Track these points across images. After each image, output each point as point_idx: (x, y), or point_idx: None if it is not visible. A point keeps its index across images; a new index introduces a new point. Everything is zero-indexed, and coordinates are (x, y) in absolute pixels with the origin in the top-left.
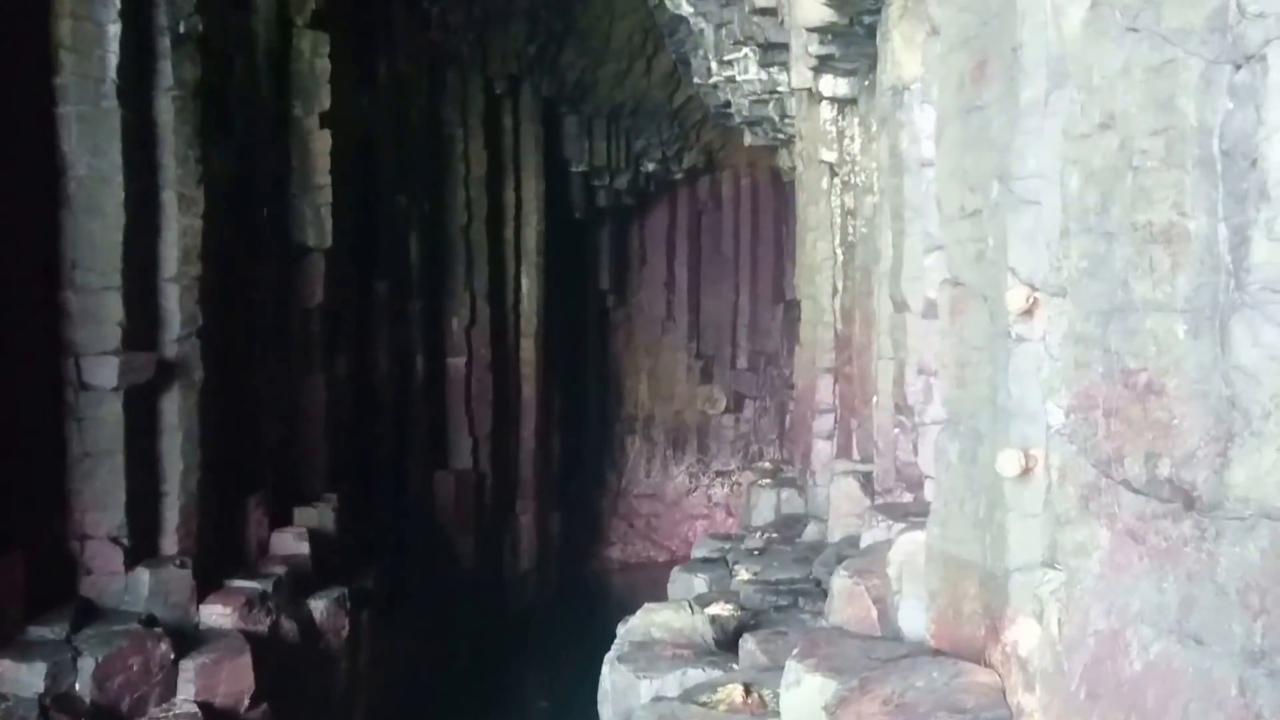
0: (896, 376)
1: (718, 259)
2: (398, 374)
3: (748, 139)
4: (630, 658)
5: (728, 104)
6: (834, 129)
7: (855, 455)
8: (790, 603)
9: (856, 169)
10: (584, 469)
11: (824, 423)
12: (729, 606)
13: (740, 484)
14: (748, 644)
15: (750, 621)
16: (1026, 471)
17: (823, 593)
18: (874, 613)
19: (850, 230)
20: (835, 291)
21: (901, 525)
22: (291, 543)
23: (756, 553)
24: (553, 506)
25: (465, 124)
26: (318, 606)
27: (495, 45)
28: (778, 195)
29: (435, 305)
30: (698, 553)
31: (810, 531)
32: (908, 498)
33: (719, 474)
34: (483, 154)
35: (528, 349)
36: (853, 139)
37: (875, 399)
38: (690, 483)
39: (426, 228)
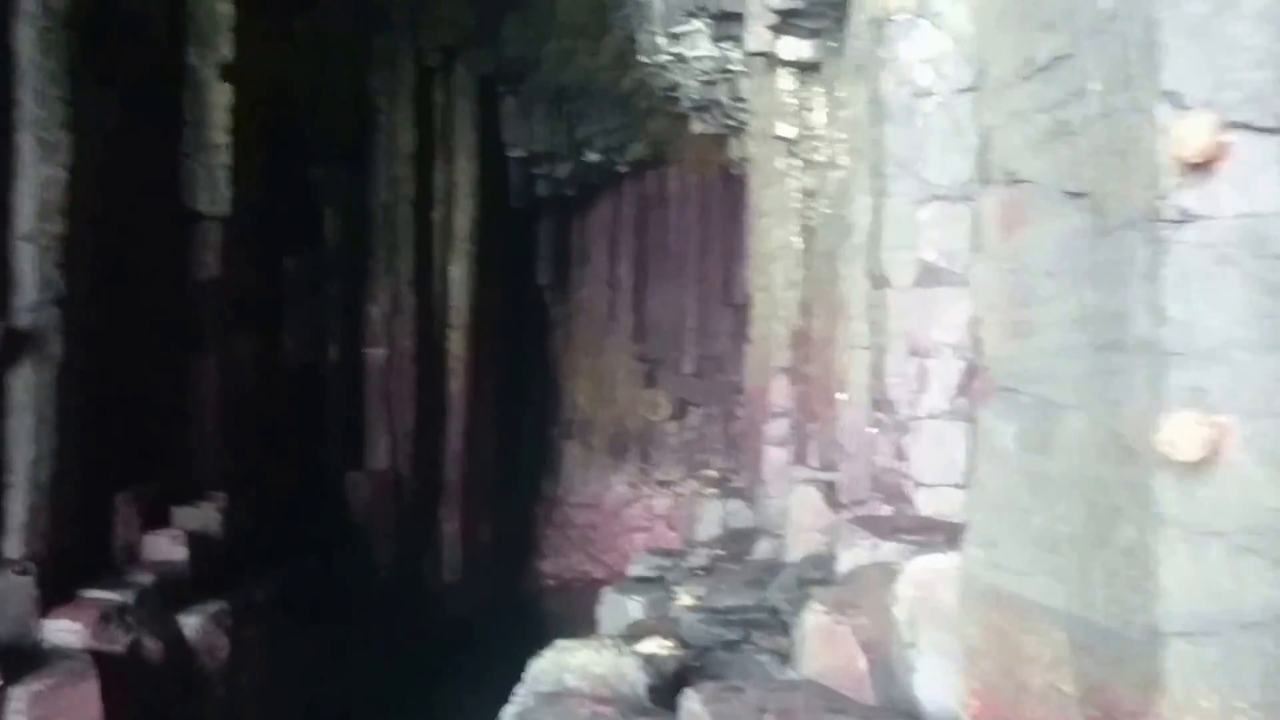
0: (874, 366)
1: (665, 258)
2: (310, 362)
3: (696, 127)
4: (534, 717)
5: (675, 86)
6: (794, 100)
7: (814, 463)
8: (742, 636)
9: (819, 143)
10: (519, 475)
11: (777, 427)
12: (668, 644)
13: (684, 494)
14: (691, 703)
15: (694, 663)
16: (1209, 455)
17: (781, 625)
18: (862, 663)
19: (810, 214)
20: (792, 283)
21: (897, 545)
22: (166, 547)
23: (701, 572)
24: (483, 514)
25: (393, 95)
26: (190, 622)
27: (429, 12)
28: (728, 194)
29: (354, 290)
30: (635, 569)
31: (762, 548)
32: (884, 510)
33: (661, 484)
34: (411, 129)
35: (456, 342)
36: (814, 110)
37: (845, 396)
38: (631, 493)
39: (346, 204)
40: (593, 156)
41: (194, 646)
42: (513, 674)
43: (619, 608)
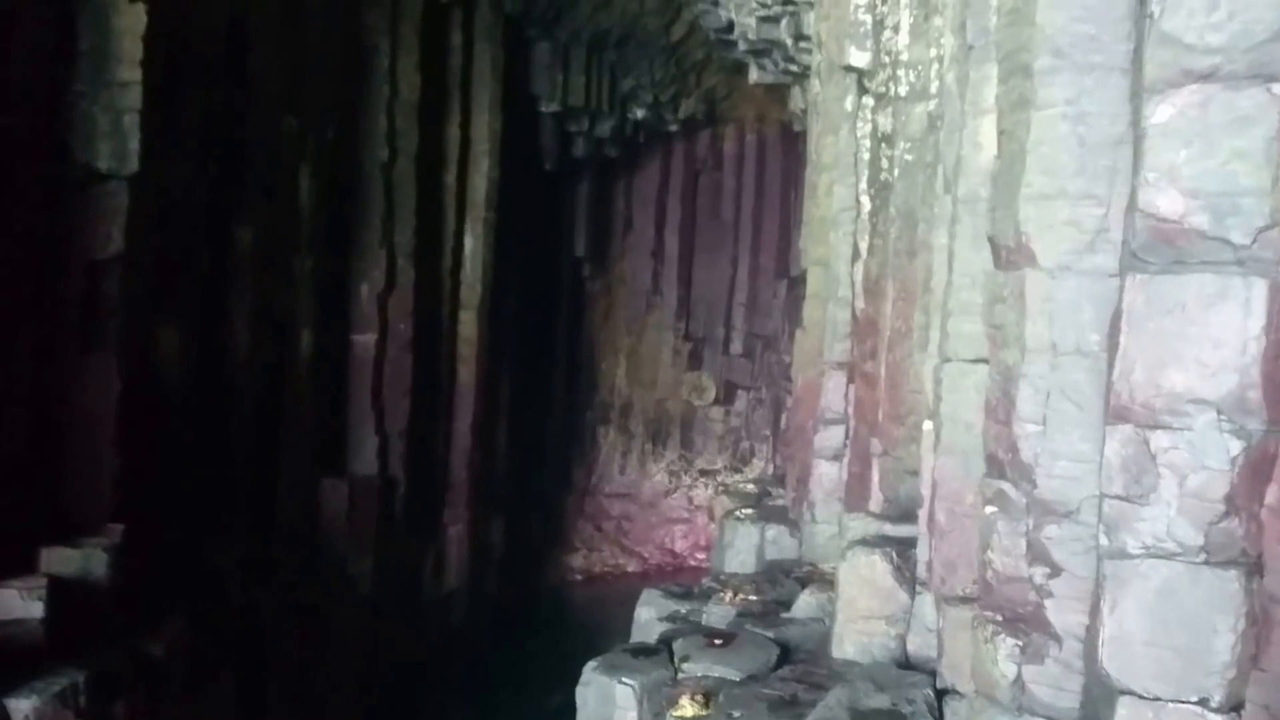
0: (994, 398)
1: (715, 226)
2: (270, 353)
3: (753, 75)
4: None
5: (730, 27)
6: (869, 18)
7: (875, 497)
8: None
9: (901, 70)
10: (546, 464)
11: (830, 438)
12: None
13: (725, 486)
14: None
15: None
16: None
17: None
18: None
19: (885, 164)
20: (857, 255)
21: None
22: (16, 603)
23: (719, 642)
24: (493, 511)
25: (394, 32)
26: (21, 707)
27: None
28: (787, 154)
29: (336, 265)
30: (641, 622)
31: (804, 606)
32: (997, 627)
33: (703, 473)
34: (416, 74)
35: (468, 324)
36: (897, 28)
37: (930, 428)
38: (670, 482)
39: (327, 162)
40: (638, 113)
41: None
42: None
43: (605, 696)
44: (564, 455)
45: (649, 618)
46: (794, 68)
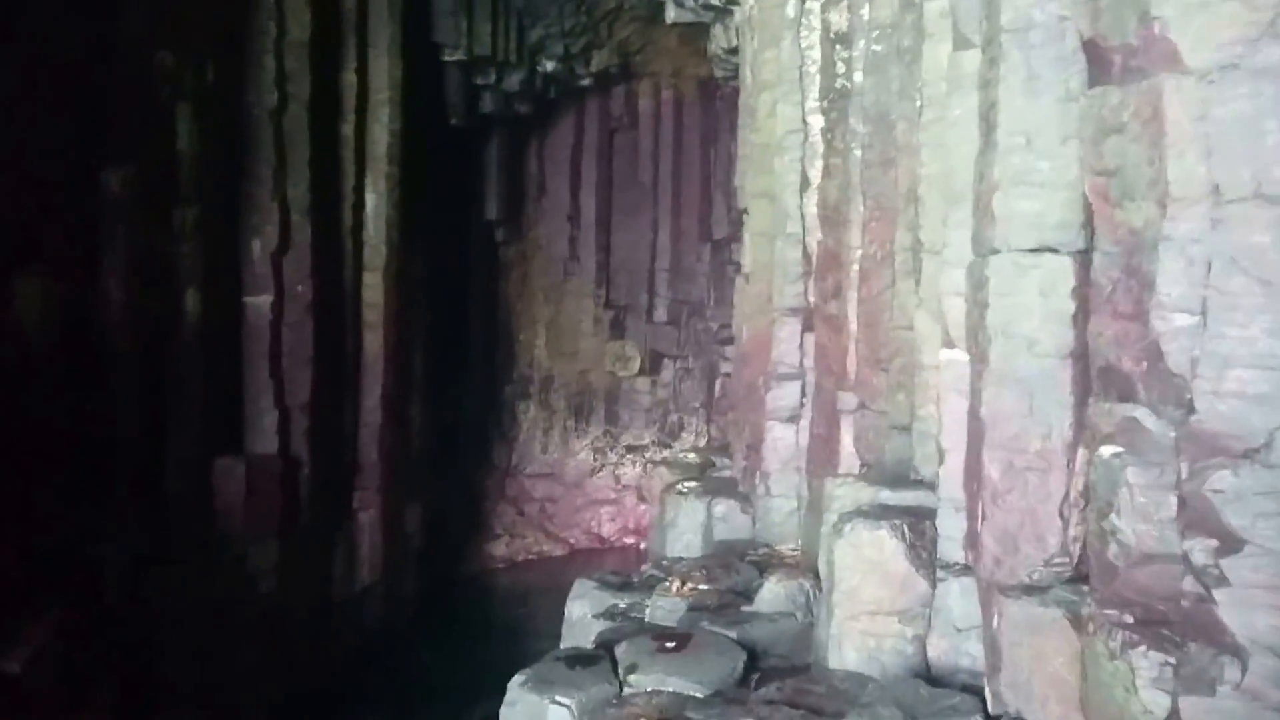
0: (1109, 284)
1: (633, 188)
2: (151, 313)
3: (670, 14)
4: None
5: None
6: None
7: (846, 461)
8: None
9: None
10: (463, 444)
11: (784, 396)
12: None
13: (653, 463)
14: None
15: None
16: None
17: None
18: None
19: (841, 69)
20: (806, 184)
21: None
22: None
23: (671, 646)
24: (409, 496)
25: None
26: None
27: None
28: (706, 112)
29: (224, 219)
30: (574, 620)
31: (769, 597)
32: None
33: (630, 449)
34: (306, 11)
35: (373, 288)
36: None
37: (955, 353)
38: (595, 460)
39: (210, 105)
40: (548, 65)
41: None
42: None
43: (533, 713)
44: (482, 433)
45: (583, 614)
46: (715, 1)
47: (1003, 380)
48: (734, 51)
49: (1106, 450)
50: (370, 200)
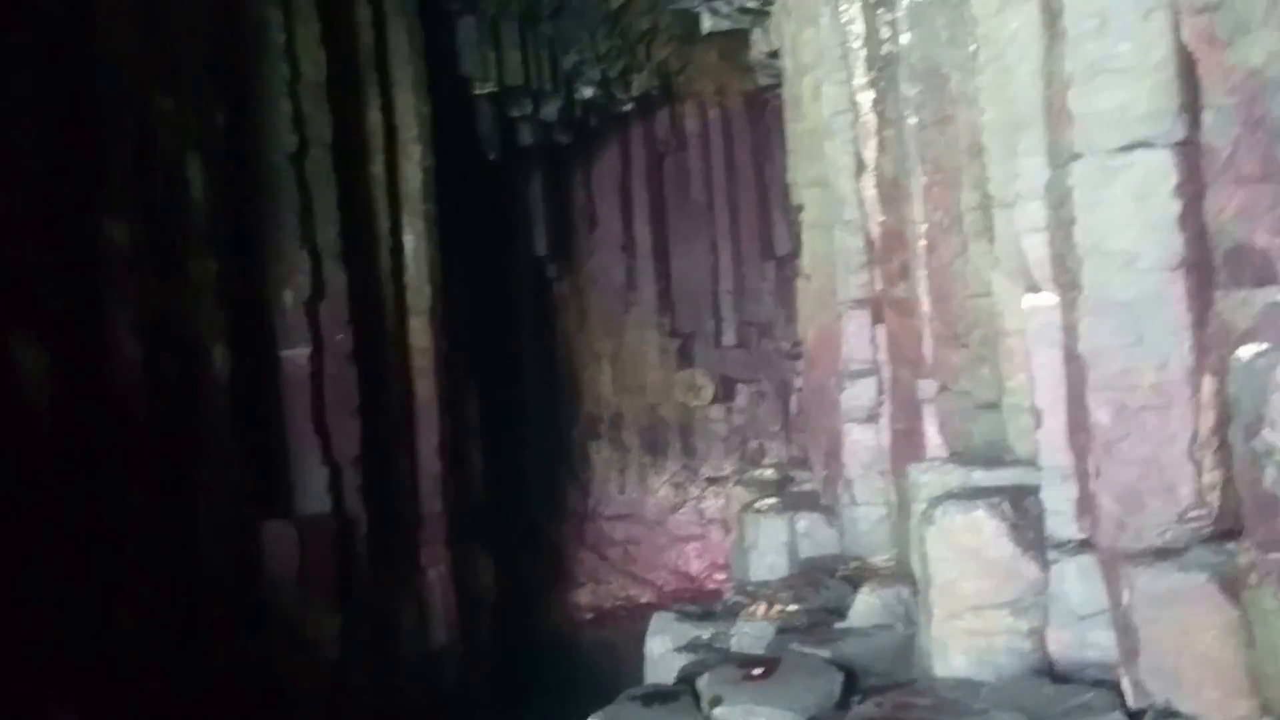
0: None
1: (687, 211)
2: (173, 373)
3: (706, 24)
4: None
5: None
6: None
7: (934, 453)
8: None
9: None
10: (532, 490)
11: (859, 394)
12: None
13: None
14: None
15: None
16: None
17: None
18: None
19: (886, 34)
20: (862, 166)
21: None
22: None
23: (758, 673)
24: (477, 548)
25: (286, 3)
26: None
27: None
28: (755, 127)
29: (248, 270)
30: (655, 656)
31: (862, 608)
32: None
33: (711, 481)
34: (319, 51)
35: (419, 332)
36: None
37: (1045, 298)
38: (676, 495)
39: (220, 150)
40: (586, 92)
41: None
42: None
43: None
44: (552, 478)
45: (663, 649)
46: (750, 3)
47: (1101, 308)
48: (776, 54)
49: (1247, 351)
50: (409, 241)
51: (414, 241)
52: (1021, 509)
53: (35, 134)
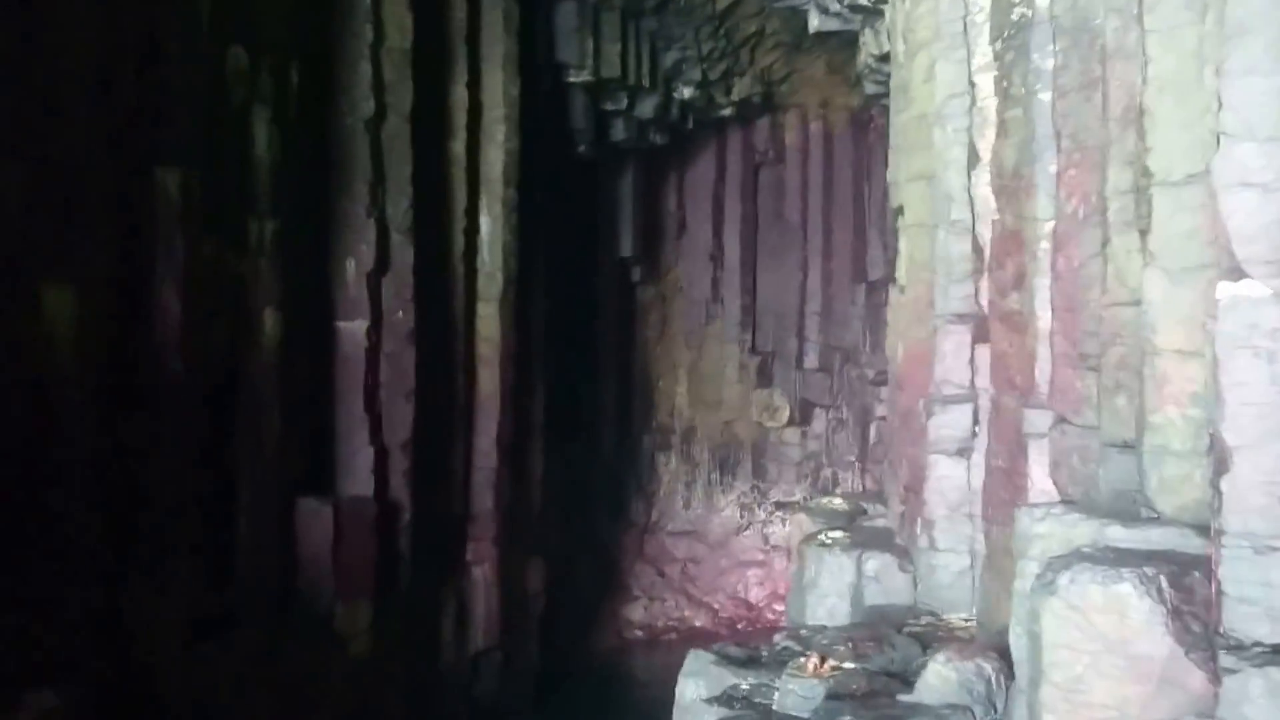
0: None
1: (779, 227)
2: (221, 335)
3: (814, 22)
4: None
5: None
6: None
7: (1038, 492)
8: None
9: None
10: (595, 497)
11: (952, 423)
12: None
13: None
14: None
15: None
16: None
17: None
18: None
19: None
20: (976, 159)
21: None
22: None
23: None
24: (530, 551)
25: None
26: None
27: None
28: (858, 146)
29: (310, 235)
30: (685, 704)
31: (934, 681)
32: None
33: (779, 506)
34: (407, 18)
35: (488, 321)
36: None
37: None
38: (742, 517)
39: (292, 109)
40: (685, 92)
41: None
42: None
43: None
44: (618, 487)
45: (695, 696)
46: (864, 2)
47: None
48: (886, 59)
49: None
50: (485, 224)
51: (490, 225)
52: (1184, 588)
53: (96, 70)
